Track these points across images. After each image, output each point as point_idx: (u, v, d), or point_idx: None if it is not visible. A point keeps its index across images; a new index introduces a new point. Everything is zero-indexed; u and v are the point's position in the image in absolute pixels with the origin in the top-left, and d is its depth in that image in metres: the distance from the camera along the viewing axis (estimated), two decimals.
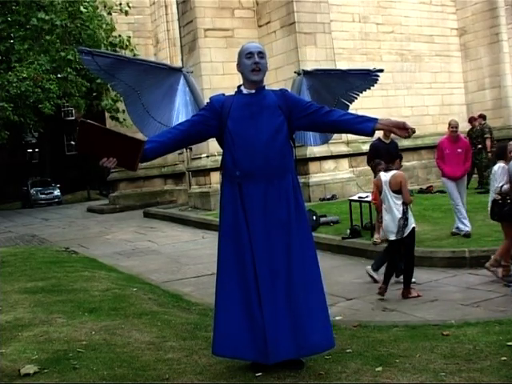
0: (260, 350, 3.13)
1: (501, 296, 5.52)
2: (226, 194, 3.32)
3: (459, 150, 8.05)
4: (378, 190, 6.06)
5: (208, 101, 3.40)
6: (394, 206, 5.71)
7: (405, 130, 3.27)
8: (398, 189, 5.70)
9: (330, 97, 4.31)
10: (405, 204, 5.69)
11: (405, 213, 5.65)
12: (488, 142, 12.47)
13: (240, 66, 3.36)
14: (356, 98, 4.69)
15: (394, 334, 4.04)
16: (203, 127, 3.31)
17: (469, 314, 4.90)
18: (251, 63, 3.28)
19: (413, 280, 5.91)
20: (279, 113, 3.29)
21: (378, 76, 4.60)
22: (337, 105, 4.62)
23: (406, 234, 5.68)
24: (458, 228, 7.91)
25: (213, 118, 3.29)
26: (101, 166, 3.24)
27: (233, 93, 3.42)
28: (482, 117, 13.20)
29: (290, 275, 3.20)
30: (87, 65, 4.34)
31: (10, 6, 14.07)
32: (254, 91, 3.33)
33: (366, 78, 4.58)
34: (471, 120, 13.34)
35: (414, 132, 3.30)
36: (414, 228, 5.74)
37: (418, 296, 5.69)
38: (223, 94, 3.42)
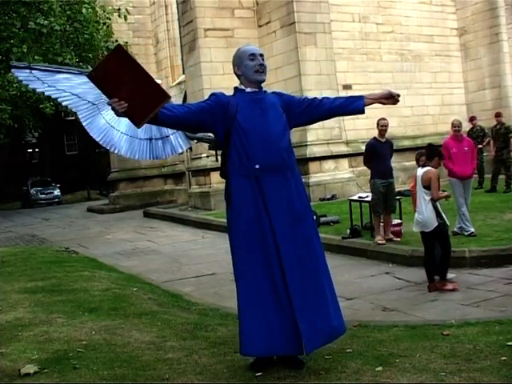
0: (292, 341, 3.15)
1: (501, 296, 5.52)
2: (240, 187, 3.28)
3: (466, 149, 8.07)
4: (414, 183, 6.25)
5: (212, 95, 3.35)
6: (422, 200, 5.89)
7: (392, 98, 3.46)
8: (427, 184, 5.86)
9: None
10: (433, 200, 5.84)
11: (434, 208, 5.82)
12: None
13: (240, 68, 3.37)
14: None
15: (394, 333, 4.04)
16: (209, 116, 3.26)
17: (469, 313, 4.90)
18: (255, 64, 3.33)
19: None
20: (282, 111, 3.39)
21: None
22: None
23: (431, 229, 5.83)
24: (460, 228, 7.90)
25: (219, 112, 3.27)
26: (108, 104, 2.93)
27: (231, 93, 3.43)
28: (500, 115, 12.79)
29: (313, 263, 3.29)
30: (24, 80, 4.07)
31: (10, 7, 14.07)
32: (257, 89, 3.38)
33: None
34: (472, 119, 13.31)
35: (399, 96, 3.47)
36: (445, 224, 5.89)
37: (454, 289, 5.80)
38: (223, 93, 3.41)
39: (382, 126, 8.19)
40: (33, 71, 3.80)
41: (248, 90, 3.38)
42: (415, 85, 16.52)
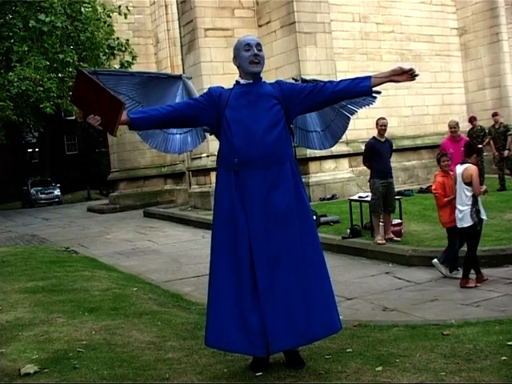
0: (255, 341, 3.08)
1: (501, 296, 5.52)
2: (221, 181, 3.31)
3: (463, 149, 8.06)
4: (454, 180, 6.35)
5: (207, 91, 3.39)
6: (464, 196, 6.06)
7: (405, 74, 3.17)
8: (469, 181, 6.03)
9: (330, 108, 4.22)
10: (474, 196, 6.03)
11: (474, 204, 6.00)
12: None
13: (237, 59, 3.34)
14: (356, 111, 4.61)
15: (394, 333, 4.04)
16: (197, 112, 3.30)
17: (469, 313, 4.90)
18: (250, 55, 3.27)
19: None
20: (276, 101, 3.28)
21: (376, 98, 4.53)
22: (337, 115, 4.53)
23: (468, 225, 6.00)
24: None
25: (210, 106, 3.29)
26: (87, 121, 3.22)
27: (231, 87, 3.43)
28: (497, 114, 12.87)
29: (292, 261, 3.16)
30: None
31: (10, 7, 14.06)
32: (251, 81, 3.33)
33: (366, 97, 4.48)
34: (471, 120, 13.30)
35: (413, 71, 3.13)
36: (481, 219, 6.07)
37: (476, 286, 5.93)
38: (222, 87, 3.41)
39: (382, 126, 8.19)
40: (99, 76, 3.90)
41: (242, 81, 3.35)
42: (415, 85, 16.47)
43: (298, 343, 3.22)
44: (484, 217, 6.09)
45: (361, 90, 3.29)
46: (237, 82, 3.39)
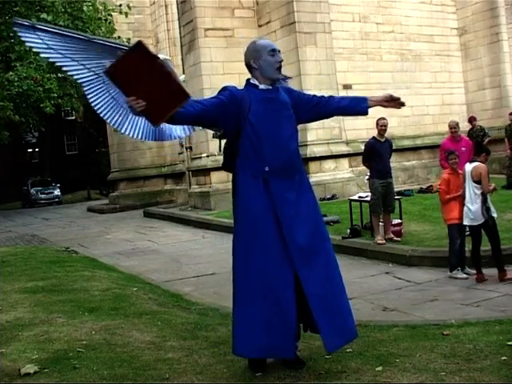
0: (287, 343, 3.11)
1: (501, 296, 5.52)
2: (247, 186, 3.23)
3: (463, 149, 8.08)
4: (463, 178, 6.44)
5: (224, 90, 3.27)
6: (473, 194, 6.16)
7: (393, 102, 3.45)
8: (478, 179, 6.14)
9: None
10: (484, 194, 6.13)
11: (484, 202, 6.12)
12: None
13: (258, 62, 3.26)
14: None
15: (394, 333, 4.04)
16: (223, 111, 3.19)
17: (469, 313, 4.90)
18: (275, 61, 3.26)
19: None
20: (292, 111, 3.32)
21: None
22: None
23: (480, 222, 6.16)
24: None
25: (231, 106, 3.19)
26: (126, 102, 2.86)
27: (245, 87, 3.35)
28: None
29: (331, 266, 3.32)
30: (33, 46, 3.44)
31: (10, 7, 14.05)
32: (270, 87, 3.30)
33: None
34: (471, 120, 13.31)
35: (400, 101, 3.46)
36: (493, 217, 6.21)
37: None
38: (235, 87, 3.32)
39: (382, 126, 8.19)
40: (40, 34, 3.25)
41: (262, 86, 3.29)
42: (415, 84, 16.51)
43: (346, 342, 3.32)
44: (494, 214, 6.21)
45: (359, 111, 3.45)
46: (252, 83, 3.31)
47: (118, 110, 3.55)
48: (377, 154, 8.18)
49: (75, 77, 3.57)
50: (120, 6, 15.06)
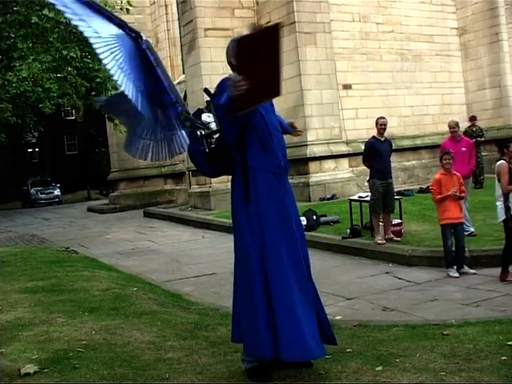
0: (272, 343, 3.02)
1: (501, 296, 5.52)
2: (268, 185, 3.11)
3: (463, 149, 8.08)
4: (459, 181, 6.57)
5: (222, 83, 3.19)
6: (498, 192, 6.22)
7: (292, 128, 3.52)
8: (499, 178, 6.20)
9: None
10: (504, 193, 6.14)
11: (505, 201, 6.12)
12: None
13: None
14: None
15: (394, 333, 4.04)
16: None
17: (469, 313, 4.90)
18: None
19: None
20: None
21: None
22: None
23: (501, 219, 6.17)
24: None
25: None
26: (232, 79, 2.83)
27: None
28: None
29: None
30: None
31: (11, 6, 14.06)
32: None
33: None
34: (472, 119, 13.27)
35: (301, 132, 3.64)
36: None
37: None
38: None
39: (381, 125, 8.20)
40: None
41: None
42: (415, 84, 16.52)
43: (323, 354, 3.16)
44: None
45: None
46: None
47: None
48: (377, 154, 8.18)
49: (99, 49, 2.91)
50: (121, 2, 15.06)
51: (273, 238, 3.07)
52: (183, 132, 3.28)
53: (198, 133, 3.10)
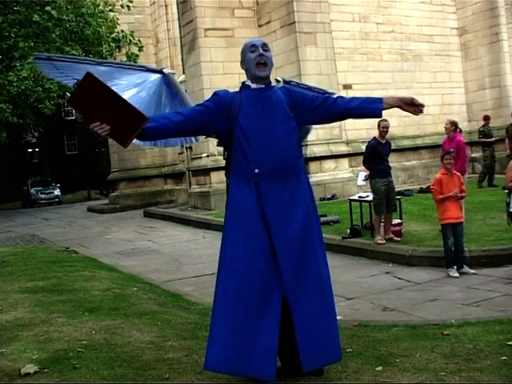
0: (266, 363, 2.92)
1: (501, 295, 5.52)
2: (238, 191, 3.06)
3: (451, 149, 8.07)
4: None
5: (213, 95, 3.15)
6: None
7: (414, 107, 3.17)
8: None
9: None
10: (508, 189, 6.19)
11: (507, 197, 6.17)
12: None
13: (244, 62, 3.16)
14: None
15: (394, 333, 4.04)
16: (207, 118, 3.06)
17: (469, 313, 4.90)
18: (256, 56, 3.09)
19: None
20: (288, 109, 3.11)
21: None
22: None
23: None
24: None
25: (220, 113, 3.06)
26: (90, 129, 2.90)
27: (237, 89, 3.23)
28: None
29: (316, 278, 3.06)
30: (46, 72, 3.90)
31: (11, 6, 14.06)
32: (263, 86, 3.12)
33: None
34: (486, 118, 13.31)
35: (423, 106, 3.18)
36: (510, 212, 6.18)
37: None
38: (228, 91, 3.18)
39: (384, 128, 8.20)
40: (55, 63, 3.58)
41: (253, 86, 3.12)
42: (415, 84, 16.51)
43: (328, 362, 3.11)
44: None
45: (372, 112, 3.19)
46: (246, 85, 3.17)
47: None
48: (378, 156, 8.22)
49: None
50: None
51: (228, 238, 3.09)
52: None
53: (217, 141, 3.41)
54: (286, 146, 3.07)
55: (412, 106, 3.17)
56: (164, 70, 4.09)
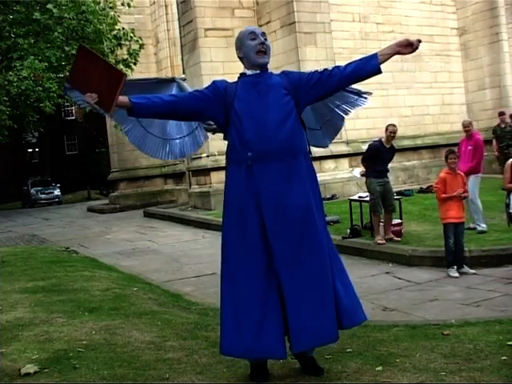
0: (274, 344, 2.96)
1: (501, 295, 5.52)
2: (231, 178, 3.13)
3: (469, 148, 8.13)
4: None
5: (211, 83, 3.21)
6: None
7: (409, 46, 3.23)
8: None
9: (325, 106, 4.12)
10: (507, 190, 6.19)
11: (507, 197, 6.16)
12: None
13: (241, 50, 3.19)
14: (350, 111, 4.46)
15: (394, 333, 4.04)
16: (202, 104, 3.12)
17: (469, 313, 4.90)
18: (256, 44, 3.13)
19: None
20: (285, 92, 3.13)
21: (367, 98, 4.37)
22: (332, 115, 4.24)
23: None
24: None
25: (216, 98, 3.12)
26: (84, 99, 3.04)
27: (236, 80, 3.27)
28: (504, 114, 12.96)
29: (315, 259, 3.06)
30: (76, 100, 3.91)
31: (12, 6, 14.07)
32: (258, 71, 3.17)
33: (358, 97, 4.36)
34: (501, 114, 13.15)
35: (419, 42, 3.21)
36: (510, 213, 6.17)
37: None
38: (226, 81, 3.25)
39: (391, 132, 8.16)
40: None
41: (248, 72, 3.18)
42: (415, 85, 16.51)
43: (320, 343, 3.12)
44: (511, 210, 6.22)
45: (370, 70, 3.23)
46: (242, 73, 3.22)
47: (149, 137, 3.97)
48: (379, 158, 8.21)
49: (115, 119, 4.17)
50: None
51: (227, 230, 3.13)
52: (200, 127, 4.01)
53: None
54: (281, 128, 3.06)
55: (409, 47, 3.23)
56: (175, 78, 4.40)
